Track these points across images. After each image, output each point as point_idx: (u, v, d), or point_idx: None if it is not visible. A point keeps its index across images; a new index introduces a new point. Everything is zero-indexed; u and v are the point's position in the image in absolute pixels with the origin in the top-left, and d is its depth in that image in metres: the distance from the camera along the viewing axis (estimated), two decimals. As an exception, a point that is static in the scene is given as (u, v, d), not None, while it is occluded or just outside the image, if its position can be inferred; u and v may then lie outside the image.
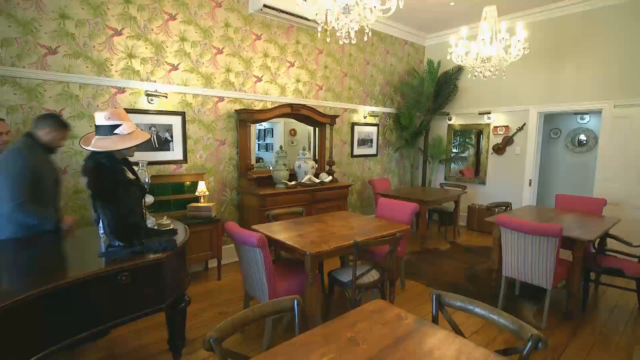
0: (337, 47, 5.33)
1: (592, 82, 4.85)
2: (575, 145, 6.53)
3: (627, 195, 4.52)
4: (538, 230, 2.76)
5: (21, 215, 2.12)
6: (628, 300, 3.42)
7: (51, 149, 2.37)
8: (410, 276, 3.96)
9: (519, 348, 1.33)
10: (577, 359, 2.51)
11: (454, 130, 6.53)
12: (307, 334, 1.37)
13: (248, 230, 2.42)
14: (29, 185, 2.12)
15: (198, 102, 3.98)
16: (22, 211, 2.10)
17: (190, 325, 2.83)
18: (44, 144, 2.30)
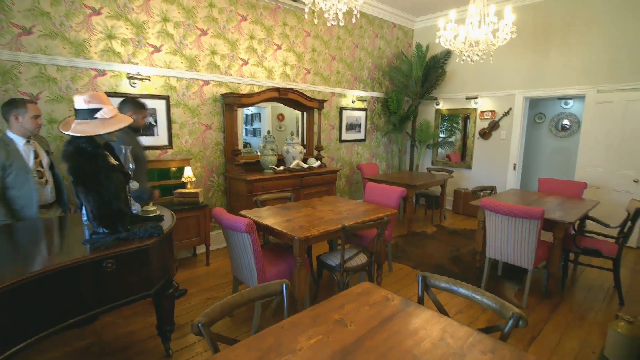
0: (325, 29, 5.23)
1: (577, 67, 4.91)
2: (559, 130, 6.65)
3: (607, 178, 4.66)
4: (521, 213, 2.83)
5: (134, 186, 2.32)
6: (604, 279, 3.57)
7: (136, 129, 2.71)
8: (397, 259, 4.03)
9: (501, 326, 1.37)
10: (555, 336, 2.63)
11: (442, 114, 6.56)
12: (296, 317, 1.39)
13: (236, 216, 2.41)
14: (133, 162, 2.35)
15: (182, 85, 3.88)
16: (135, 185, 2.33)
17: (179, 310, 2.84)
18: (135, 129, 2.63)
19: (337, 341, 1.24)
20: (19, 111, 2.33)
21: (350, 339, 1.25)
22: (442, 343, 1.24)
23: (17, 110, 2.33)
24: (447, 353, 1.19)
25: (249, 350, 1.18)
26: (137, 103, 2.73)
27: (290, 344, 1.21)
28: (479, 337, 1.28)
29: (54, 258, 1.68)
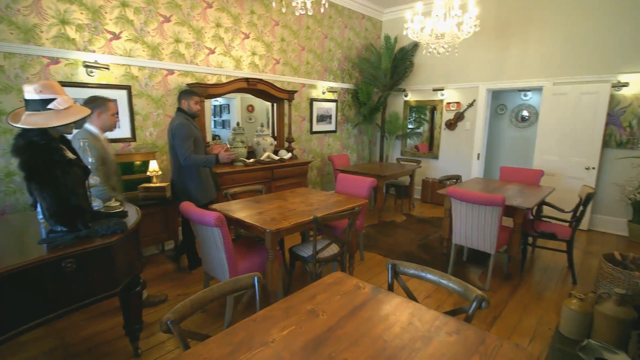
0: (293, 19, 5.16)
1: (534, 61, 5.16)
2: (519, 120, 6.99)
3: (561, 166, 4.96)
4: (483, 201, 2.96)
5: (189, 163, 3.02)
6: (559, 260, 3.83)
7: (193, 115, 3.17)
8: (368, 248, 4.11)
9: (465, 308, 1.44)
10: (515, 315, 2.80)
11: (410, 106, 6.70)
12: (268, 309, 1.39)
13: (205, 210, 2.35)
14: (191, 143, 3.03)
15: (145, 75, 3.71)
16: (189, 161, 3.01)
17: (147, 309, 2.76)
18: (190, 114, 3.15)
19: (310, 331, 1.25)
20: (102, 109, 2.51)
21: (322, 328, 1.27)
22: (411, 327, 1.29)
23: (101, 107, 2.50)
24: (416, 336, 1.23)
25: (221, 345, 1.17)
26: (187, 91, 3.21)
27: (263, 337, 1.21)
28: (445, 320, 1.33)
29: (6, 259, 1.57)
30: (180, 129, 3.00)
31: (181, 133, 3.00)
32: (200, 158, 3.07)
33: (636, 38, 4.34)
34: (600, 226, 4.86)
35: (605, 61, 4.59)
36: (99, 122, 2.53)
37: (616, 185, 4.65)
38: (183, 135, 2.99)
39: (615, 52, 4.50)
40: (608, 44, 4.54)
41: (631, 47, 4.38)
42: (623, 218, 4.67)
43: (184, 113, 3.13)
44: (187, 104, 3.14)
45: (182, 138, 2.99)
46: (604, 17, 4.53)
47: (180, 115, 3.11)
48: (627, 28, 4.39)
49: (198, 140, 3.13)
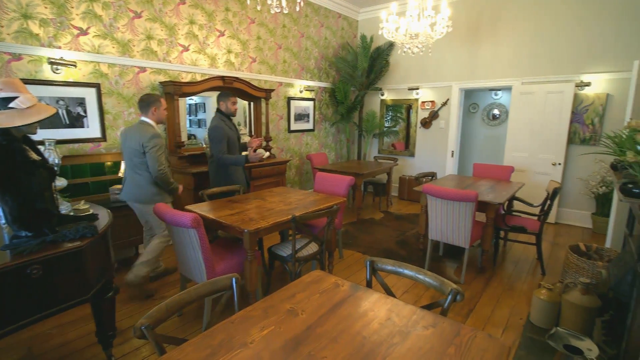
0: (269, 16, 5.12)
1: (504, 61, 5.34)
2: (490, 119, 7.23)
3: (530, 162, 5.18)
4: (458, 197, 3.05)
5: (221, 162, 3.29)
6: (529, 253, 3.99)
7: (230, 115, 3.43)
8: (347, 246, 4.14)
9: (441, 301, 1.48)
10: (489, 306, 2.90)
11: (387, 105, 6.79)
12: (247, 310, 1.37)
13: (181, 211, 2.30)
14: (224, 144, 3.26)
15: (115, 72, 3.58)
16: (222, 159, 3.26)
17: (121, 314, 2.68)
18: (225, 113, 3.40)
19: (289, 330, 1.25)
20: (157, 105, 2.87)
21: (302, 327, 1.27)
22: (389, 322, 1.31)
23: (155, 104, 2.86)
24: (394, 331, 1.25)
25: (199, 349, 1.15)
26: (224, 93, 3.46)
27: (242, 338, 1.20)
28: (421, 314, 1.36)
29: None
30: (214, 132, 3.25)
31: (215, 136, 3.25)
32: (231, 158, 3.30)
33: (597, 41, 4.58)
34: (567, 219, 5.10)
35: (569, 62, 4.81)
36: (154, 116, 2.89)
37: (580, 180, 4.90)
38: (216, 137, 3.25)
39: (578, 53, 4.73)
40: (571, 46, 4.77)
41: (592, 49, 4.62)
42: (587, 211, 4.93)
43: (221, 114, 3.41)
44: (224, 105, 3.41)
45: (216, 140, 3.25)
46: (567, 22, 4.75)
47: (217, 117, 3.38)
48: (588, 31, 4.62)
49: (232, 140, 3.39)
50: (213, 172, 3.46)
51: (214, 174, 3.45)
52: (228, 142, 3.32)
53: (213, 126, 3.29)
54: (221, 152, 3.26)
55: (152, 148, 2.72)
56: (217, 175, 3.43)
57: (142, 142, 2.72)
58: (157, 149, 2.74)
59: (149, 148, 2.72)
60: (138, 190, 2.84)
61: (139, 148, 2.74)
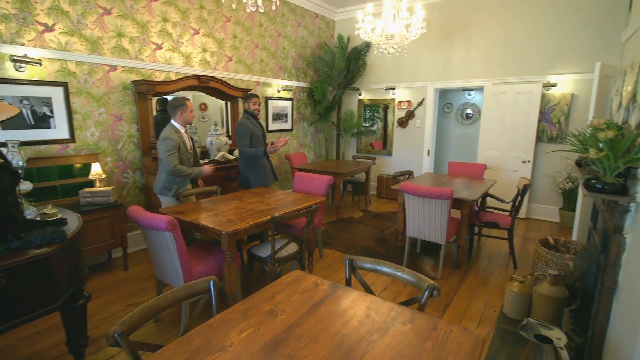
0: (245, 15, 5.06)
1: (476, 62, 5.51)
2: (464, 118, 7.44)
3: (501, 160, 5.36)
4: (433, 194, 3.12)
5: (245, 153, 3.70)
6: (502, 247, 4.14)
7: (253, 114, 3.80)
8: (327, 245, 4.16)
9: (419, 297, 1.51)
10: (465, 300, 2.98)
11: (364, 104, 6.86)
12: (225, 313, 1.35)
13: (155, 214, 2.23)
14: (247, 138, 3.68)
15: (84, 71, 3.44)
16: (245, 152, 3.69)
17: (94, 322, 2.58)
18: (251, 113, 3.79)
19: (269, 332, 1.24)
20: (183, 108, 3.05)
21: (282, 327, 1.27)
22: (368, 320, 1.32)
23: (182, 107, 3.05)
24: (373, 328, 1.27)
25: (175, 354, 1.12)
26: (249, 95, 3.82)
27: (221, 341, 1.18)
28: (399, 310, 1.39)
29: None
30: (238, 128, 3.71)
31: (239, 131, 3.69)
32: (252, 151, 3.69)
33: (562, 43, 4.80)
34: (536, 214, 5.32)
35: (536, 64, 5.02)
36: (181, 119, 3.09)
37: (548, 176, 5.12)
38: (240, 132, 3.69)
39: (545, 55, 4.94)
40: (539, 48, 4.97)
41: (558, 51, 4.84)
42: (555, 206, 5.16)
43: (247, 113, 3.82)
44: (247, 105, 3.82)
45: (239, 135, 3.69)
46: (535, 25, 4.95)
47: (243, 116, 3.82)
48: (554, 35, 4.83)
49: (256, 136, 3.77)
50: (242, 166, 3.85)
51: (243, 168, 3.85)
52: (252, 137, 3.73)
53: (238, 123, 3.77)
54: (243, 146, 3.68)
55: (162, 150, 2.97)
56: (246, 169, 3.83)
57: (159, 152, 3.00)
58: (166, 151, 2.95)
59: (160, 150, 2.98)
60: (156, 182, 3.17)
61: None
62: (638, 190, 1.62)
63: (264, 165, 3.86)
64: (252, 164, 3.78)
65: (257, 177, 3.81)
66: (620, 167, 1.59)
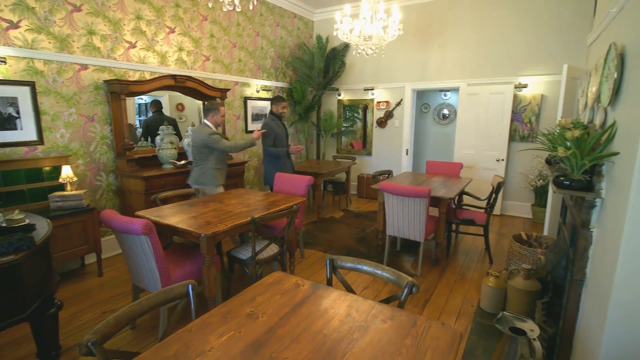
0: (222, 14, 4.99)
1: (452, 63, 5.65)
2: (441, 118, 7.61)
3: (477, 158, 5.52)
4: (412, 193, 3.17)
5: (269, 152, 4.09)
6: (478, 244, 4.26)
7: (280, 116, 4.23)
8: (308, 245, 4.16)
9: (398, 295, 1.53)
10: (444, 296, 3.05)
11: (344, 105, 6.90)
12: (205, 317, 1.33)
13: (130, 218, 2.17)
14: (272, 139, 4.06)
15: (52, 70, 3.30)
16: (269, 151, 4.10)
17: (66, 331, 2.48)
18: (277, 115, 4.20)
19: (249, 334, 1.23)
20: (215, 112, 3.47)
21: (263, 329, 1.26)
22: (349, 318, 1.33)
23: (214, 111, 3.47)
24: (353, 327, 1.28)
25: (153, 361, 1.09)
26: (276, 98, 4.25)
27: (200, 346, 1.16)
28: (380, 308, 1.41)
29: None
30: (263, 128, 4.01)
31: (267, 130, 3.99)
32: (275, 150, 4.09)
33: (532, 46, 4.99)
34: (510, 210, 5.51)
35: (508, 65, 5.20)
36: (213, 119, 3.47)
37: (521, 174, 5.31)
38: (268, 131, 4.00)
39: (516, 57, 5.12)
40: (510, 50, 5.15)
41: (529, 53, 5.03)
42: (527, 202, 5.35)
43: (273, 115, 4.20)
44: (275, 108, 4.21)
45: (265, 135, 3.99)
46: (507, 28, 5.12)
47: (269, 117, 4.20)
48: (525, 37, 5.02)
49: (280, 136, 4.15)
50: (266, 165, 4.22)
51: (267, 167, 4.20)
52: (276, 137, 4.10)
53: (263, 124, 4.11)
54: (268, 146, 4.06)
55: (215, 142, 3.37)
56: (269, 168, 4.16)
57: (204, 140, 3.36)
58: (217, 141, 3.39)
59: (213, 143, 3.37)
60: (202, 176, 3.47)
61: (202, 144, 3.39)
62: (603, 186, 1.70)
63: (286, 164, 4.24)
64: (275, 163, 4.14)
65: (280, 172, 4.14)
66: (586, 165, 1.67)
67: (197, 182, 3.49)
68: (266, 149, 4.11)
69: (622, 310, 1.41)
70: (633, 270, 1.36)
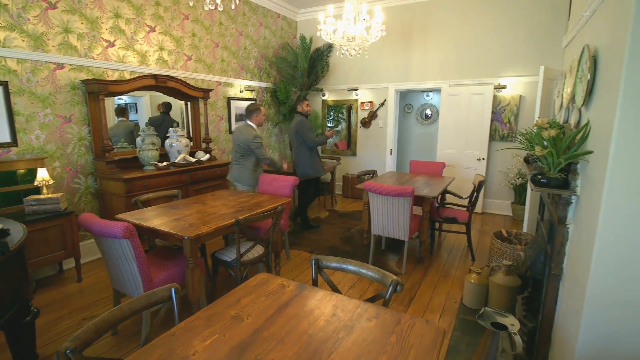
0: (204, 13, 4.92)
1: (434, 64, 5.74)
2: (423, 118, 7.73)
3: (459, 158, 5.63)
4: (396, 192, 3.21)
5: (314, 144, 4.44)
6: (460, 241, 4.34)
7: (306, 115, 4.53)
8: (294, 246, 4.15)
9: (383, 293, 1.55)
10: (428, 293, 3.10)
11: (328, 105, 6.92)
12: (188, 321, 1.31)
13: (110, 221, 2.11)
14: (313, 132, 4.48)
15: (26, 69, 3.18)
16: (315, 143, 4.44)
17: (44, 338, 2.40)
18: (304, 114, 4.50)
19: (235, 337, 1.22)
20: (257, 112, 3.79)
21: (248, 332, 1.25)
22: (334, 318, 1.34)
23: (256, 112, 3.79)
24: (339, 327, 1.28)
25: (135, 367, 1.07)
26: (300, 98, 4.57)
27: (183, 350, 1.14)
28: (365, 307, 1.42)
29: None
30: (304, 124, 4.38)
31: (307, 127, 4.38)
32: (319, 139, 4.47)
33: (511, 47, 5.12)
34: (491, 208, 5.64)
35: (488, 66, 5.32)
36: (255, 120, 3.80)
37: (501, 172, 5.44)
38: (307, 127, 4.38)
39: (495, 58, 5.25)
40: (489, 51, 5.27)
41: (507, 55, 5.16)
42: (507, 200, 5.49)
43: (300, 114, 4.47)
44: (301, 108, 4.48)
45: (307, 130, 4.37)
46: (486, 30, 5.25)
47: (298, 116, 4.48)
48: (504, 39, 5.15)
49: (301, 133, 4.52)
50: (303, 160, 4.47)
51: (304, 161, 4.48)
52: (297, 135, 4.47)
53: (299, 121, 4.39)
54: (313, 138, 4.39)
55: (256, 146, 3.68)
56: (306, 162, 4.47)
57: (248, 141, 3.65)
58: (259, 145, 3.70)
59: (254, 146, 3.67)
60: (241, 174, 3.76)
61: (244, 145, 3.68)
62: (578, 184, 1.77)
63: (318, 158, 4.60)
64: (311, 157, 4.47)
65: (316, 168, 4.51)
66: (562, 163, 1.72)
67: (236, 179, 3.81)
68: (313, 141, 4.39)
69: (596, 301, 1.46)
70: (607, 264, 1.42)
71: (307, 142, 4.37)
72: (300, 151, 4.44)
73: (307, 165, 4.47)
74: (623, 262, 1.39)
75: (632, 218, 1.34)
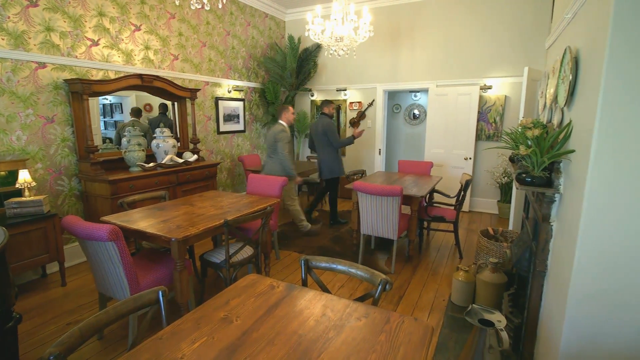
0: (191, 12, 4.87)
1: (421, 65, 5.80)
2: (411, 118, 7.80)
3: (446, 157, 5.70)
4: (385, 192, 3.23)
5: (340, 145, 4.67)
6: (448, 240, 4.40)
7: (331, 116, 4.74)
8: (284, 246, 4.14)
9: (372, 292, 1.56)
10: (417, 292, 3.13)
11: (317, 105, 6.92)
12: (176, 324, 1.30)
13: (95, 223, 2.07)
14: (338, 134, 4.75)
15: (6, 68, 3.09)
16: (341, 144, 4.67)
17: (28, 344, 2.34)
18: (329, 115, 4.71)
19: (223, 339, 1.21)
20: (286, 111, 4.20)
21: (237, 333, 1.24)
22: (324, 318, 1.34)
23: (285, 111, 4.20)
24: (329, 326, 1.29)
25: (121, 372, 1.05)
26: (326, 101, 4.76)
27: (171, 354, 1.13)
28: (354, 306, 1.42)
29: None
30: (331, 126, 4.60)
31: (333, 129, 4.60)
32: (345, 140, 4.68)
33: (496, 49, 5.21)
34: (478, 207, 5.73)
35: (474, 67, 5.40)
36: (285, 118, 4.20)
37: (487, 172, 5.53)
38: (332, 129, 4.59)
39: (481, 59, 5.34)
40: (475, 52, 5.35)
41: (493, 56, 5.25)
42: (494, 199, 5.59)
43: (326, 116, 4.67)
44: (328, 110, 4.70)
45: (334, 131, 4.60)
46: (472, 31, 5.33)
47: (324, 117, 4.65)
48: (489, 40, 5.24)
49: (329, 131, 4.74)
50: (329, 159, 4.67)
51: (329, 161, 4.67)
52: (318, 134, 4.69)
53: (327, 123, 4.59)
54: (338, 139, 4.60)
55: (280, 139, 4.04)
56: (332, 161, 4.67)
57: (275, 135, 4.06)
58: (282, 141, 4.04)
59: (279, 139, 4.03)
60: (275, 167, 4.11)
61: (273, 139, 4.09)
62: (561, 182, 1.81)
63: (341, 158, 4.83)
64: (335, 156, 4.68)
65: (342, 167, 4.76)
66: (545, 162, 1.76)
67: (270, 172, 4.10)
68: (339, 142, 4.62)
69: (579, 296, 1.50)
70: (589, 260, 1.46)
71: (334, 144, 4.58)
72: (328, 152, 4.65)
73: (335, 165, 4.70)
74: (605, 258, 1.43)
75: (614, 215, 1.38)
